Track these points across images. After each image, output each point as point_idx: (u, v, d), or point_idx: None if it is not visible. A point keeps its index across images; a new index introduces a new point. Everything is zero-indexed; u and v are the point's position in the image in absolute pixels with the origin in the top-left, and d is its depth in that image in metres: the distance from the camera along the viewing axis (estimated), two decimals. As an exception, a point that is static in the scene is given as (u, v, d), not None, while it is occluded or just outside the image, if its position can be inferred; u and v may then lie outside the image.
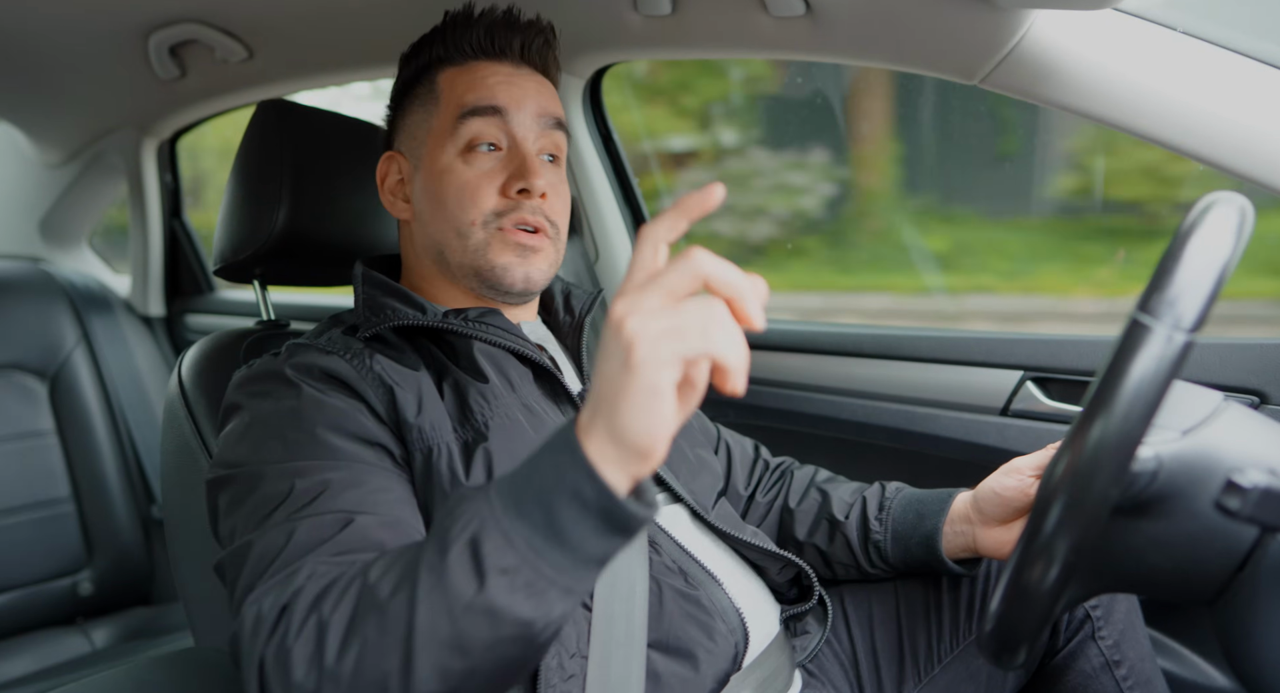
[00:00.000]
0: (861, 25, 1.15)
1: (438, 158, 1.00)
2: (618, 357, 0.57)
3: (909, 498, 1.10)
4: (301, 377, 0.87)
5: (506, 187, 0.98)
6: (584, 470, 0.60)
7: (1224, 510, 0.66)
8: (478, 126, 0.99)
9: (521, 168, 0.98)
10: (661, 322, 0.56)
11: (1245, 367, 1.13)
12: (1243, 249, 0.63)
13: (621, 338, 0.57)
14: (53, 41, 1.62)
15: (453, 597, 0.62)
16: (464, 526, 0.63)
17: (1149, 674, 1.03)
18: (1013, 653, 0.70)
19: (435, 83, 1.03)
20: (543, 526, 0.61)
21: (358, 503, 0.78)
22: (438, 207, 1.00)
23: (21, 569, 1.98)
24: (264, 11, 1.48)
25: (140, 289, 2.36)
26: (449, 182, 0.99)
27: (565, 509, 0.60)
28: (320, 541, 0.73)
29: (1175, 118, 1.01)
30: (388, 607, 0.63)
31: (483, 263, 0.98)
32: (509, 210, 0.98)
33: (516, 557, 0.61)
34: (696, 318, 0.56)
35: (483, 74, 1.01)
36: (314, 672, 0.64)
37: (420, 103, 1.04)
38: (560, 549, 0.61)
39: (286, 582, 0.70)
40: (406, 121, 1.06)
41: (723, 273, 0.57)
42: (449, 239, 1.00)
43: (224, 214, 1.21)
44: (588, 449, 0.60)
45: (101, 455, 2.13)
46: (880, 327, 1.52)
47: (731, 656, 0.91)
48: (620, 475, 0.60)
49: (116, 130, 2.13)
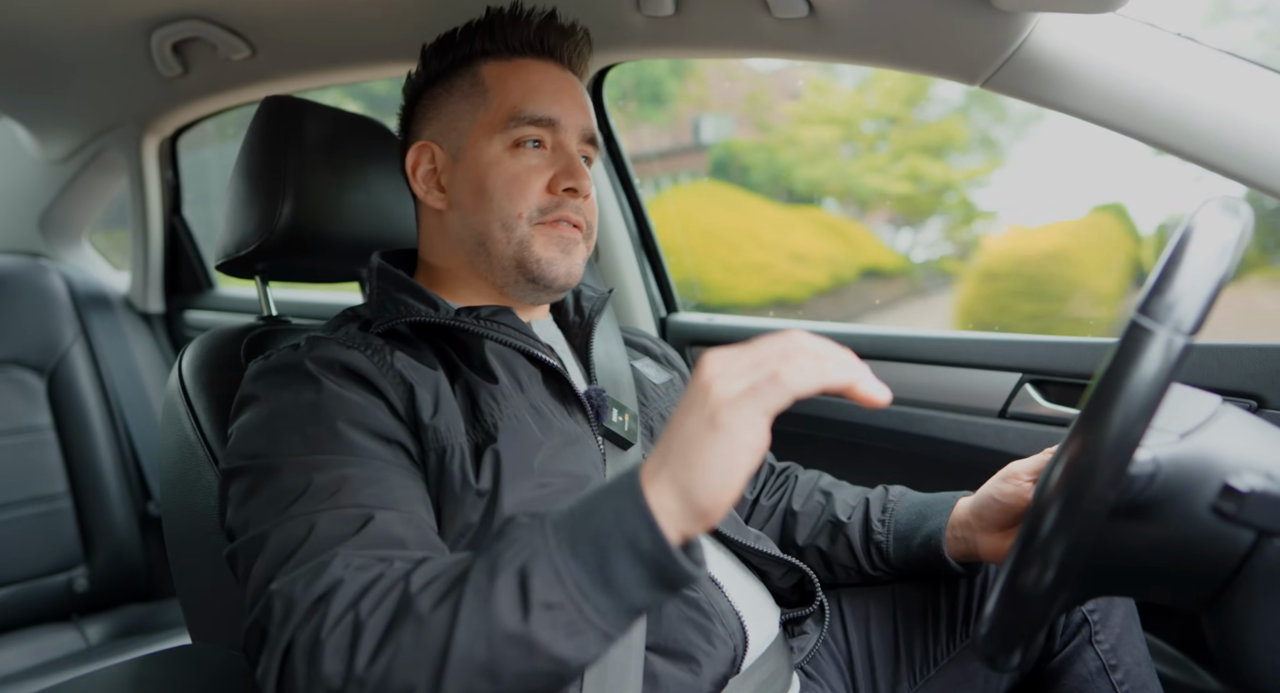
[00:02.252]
0: (864, 27, 1.15)
1: (484, 149, 1.01)
2: (702, 415, 0.60)
3: (913, 500, 1.11)
4: (322, 371, 0.87)
5: (553, 184, 1.00)
6: (644, 521, 0.61)
7: (1220, 514, 0.66)
8: (531, 130, 1.01)
9: (570, 168, 1.00)
10: (745, 381, 0.60)
11: (1244, 370, 1.13)
12: (1243, 252, 0.63)
13: (710, 398, 0.60)
14: (55, 38, 1.62)
15: (495, 623, 0.62)
16: (516, 553, 0.64)
17: (1145, 679, 1.03)
18: (1008, 655, 0.70)
19: (479, 75, 1.04)
20: (594, 568, 0.62)
21: (377, 499, 0.78)
22: (482, 197, 1.00)
23: (17, 565, 1.98)
24: (267, 9, 1.48)
25: (140, 285, 2.35)
26: (497, 173, 1.00)
27: (619, 556, 0.62)
28: (343, 535, 0.73)
29: (1177, 122, 1.01)
30: (428, 621, 0.64)
31: (527, 255, 1.00)
32: (554, 207, 1.00)
33: (563, 594, 0.62)
34: (775, 354, 0.61)
35: (536, 76, 1.03)
36: (343, 670, 0.64)
37: (462, 94, 1.04)
38: (607, 594, 0.62)
39: (321, 570, 0.69)
40: (442, 111, 1.05)
41: (815, 364, 0.61)
42: (493, 230, 1.00)
43: (228, 210, 1.21)
44: (650, 500, 0.61)
45: (99, 452, 2.12)
46: (880, 328, 1.52)
47: (730, 659, 0.91)
48: (676, 530, 0.61)
49: (118, 127, 2.13)
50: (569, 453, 0.92)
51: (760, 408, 0.59)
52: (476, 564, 0.65)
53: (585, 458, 0.94)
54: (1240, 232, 0.63)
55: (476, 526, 0.85)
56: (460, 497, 0.85)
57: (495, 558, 0.64)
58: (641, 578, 0.62)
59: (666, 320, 1.77)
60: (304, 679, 0.65)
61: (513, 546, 0.64)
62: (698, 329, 1.71)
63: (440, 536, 0.84)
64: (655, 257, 1.76)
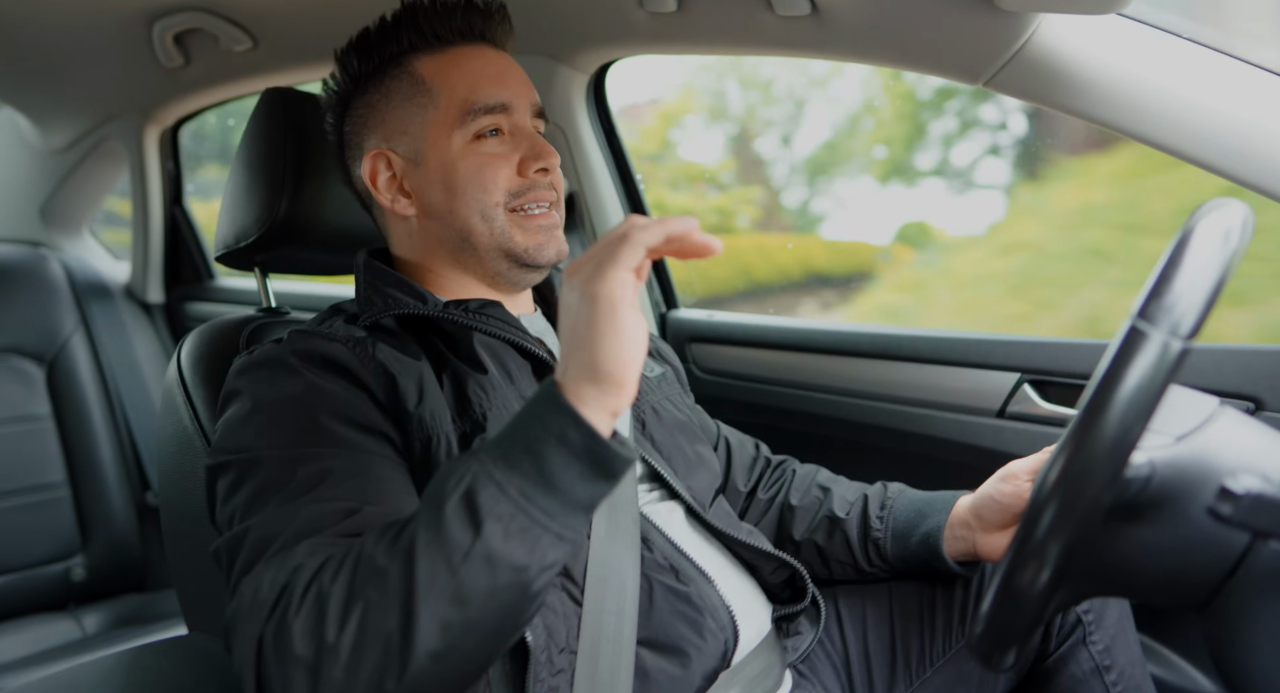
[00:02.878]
0: (867, 25, 1.15)
1: (446, 148, 0.99)
2: (580, 303, 0.66)
3: (911, 498, 1.11)
4: (304, 364, 0.87)
5: (523, 167, 1.00)
6: (567, 414, 0.65)
7: (1216, 516, 0.66)
8: (488, 120, 1.00)
9: (536, 149, 1.01)
10: (594, 258, 0.67)
11: (1241, 372, 1.13)
12: (1241, 255, 0.63)
13: (576, 287, 0.67)
14: (58, 28, 1.62)
15: (451, 547, 0.64)
16: (457, 481, 0.66)
17: (1138, 680, 1.03)
18: (1003, 655, 0.70)
19: (416, 73, 1.01)
20: (533, 473, 0.65)
21: (360, 492, 0.78)
22: (455, 194, 0.99)
23: (15, 553, 1.98)
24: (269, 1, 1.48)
25: (140, 276, 2.36)
26: (464, 167, 0.99)
27: (553, 455, 0.65)
28: (322, 528, 0.73)
29: (1179, 123, 1.01)
30: (388, 569, 0.65)
31: (513, 246, 1.00)
32: (527, 189, 1.00)
33: (510, 504, 0.65)
34: (616, 234, 0.67)
35: (475, 63, 1.02)
36: (314, 645, 0.64)
37: (403, 96, 1.01)
38: (550, 495, 0.65)
39: (284, 561, 0.70)
40: (385, 116, 1.02)
41: (657, 223, 0.67)
42: (474, 224, 1.00)
43: (227, 201, 1.21)
44: (568, 394, 0.66)
45: (97, 441, 2.13)
46: (879, 327, 1.52)
47: (720, 654, 0.91)
48: (600, 414, 0.66)
49: (119, 117, 2.12)
50: None
51: (620, 267, 0.66)
52: (423, 505, 0.67)
53: None
54: (1239, 235, 0.63)
55: None
56: None
57: (438, 491, 0.66)
58: (580, 472, 0.66)
59: (666, 317, 1.77)
60: (277, 668, 0.65)
61: (452, 475, 0.66)
62: (697, 325, 1.72)
63: None
64: (656, 253, 1.76)
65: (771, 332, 1.61)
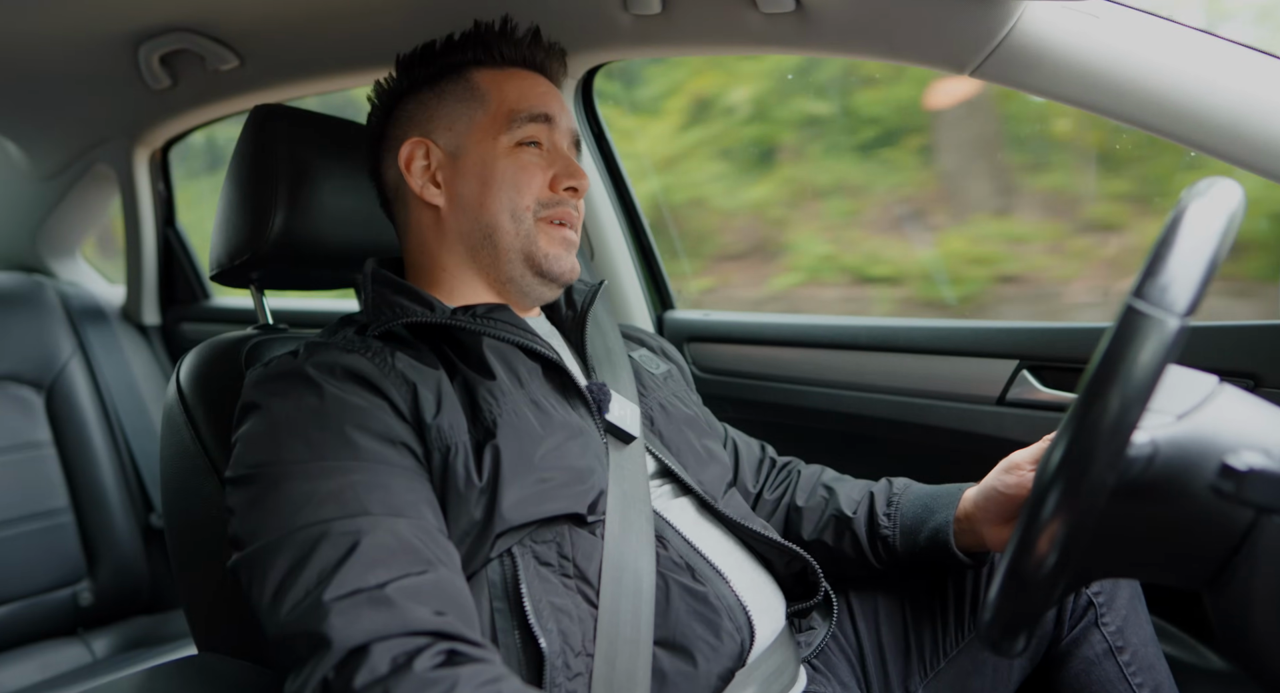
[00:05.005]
0: (852, 19, 1.15)
1: (489, 146, 1.04)
2: None
3: (918, 493, 1.11)
4: (323, 375, 0.87)
5: (555, 183, 1.05)
6: None
7: (1219, 493, 0.66)
8: (533, 129, 1.05)
9: (569, 168, 1.06)
10: None
11: (1240, 349, 1.13)
12: (1235, 233, 0.63)
13: None
14: (42, 53, 1.62)
15: None
16: None
17: (1151, 660, 1.03)
18: (1012, 641, 0.70)
19: (472, 81, 1.07)
20: None
21: (385, 505, 0.78)
22: (489, 189, 1.03)
23: (21, 581, 1.97)
24: (254, 19, 1.48)
25: (135, 298, 2.35)
26: (504, 166, 1.04)
27: None
28: (351, 546, 0.74)
29: (1165, 105, 1.01)
30: None
31: (535, 249, 1.04)
32: (555, 203, 1.05)
33: None
34: None
35: (528, 83, 1.09)
36: None
37: (456, 98, 1.07)
38: None
39: (357, 615, 0.70)
40: (433, 113, 1.08)
41: None
42: (502, 221, 1.03)
43: (220, 219, 1.21)
44: None
45: (99, 465, 2.12)
46: (876, 319, 1.52)
47: (736, 653, 0.90)
48: None
49: (108, 141, 2.12)
50: (573, 446, 0.92)
51: None
52: None
53: (589, 451, 0.94)
54: (1232, 212, 0.63)
55: (480, 522, 0.85)
56: (464, 495, 0.85)
57: None
58: None
59: (663, 317, 1.77)
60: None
61: None
62: (694, 325, 1.72)
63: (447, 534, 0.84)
64: (650, 254, 1.76)
65: (769, 328, 1.61)
